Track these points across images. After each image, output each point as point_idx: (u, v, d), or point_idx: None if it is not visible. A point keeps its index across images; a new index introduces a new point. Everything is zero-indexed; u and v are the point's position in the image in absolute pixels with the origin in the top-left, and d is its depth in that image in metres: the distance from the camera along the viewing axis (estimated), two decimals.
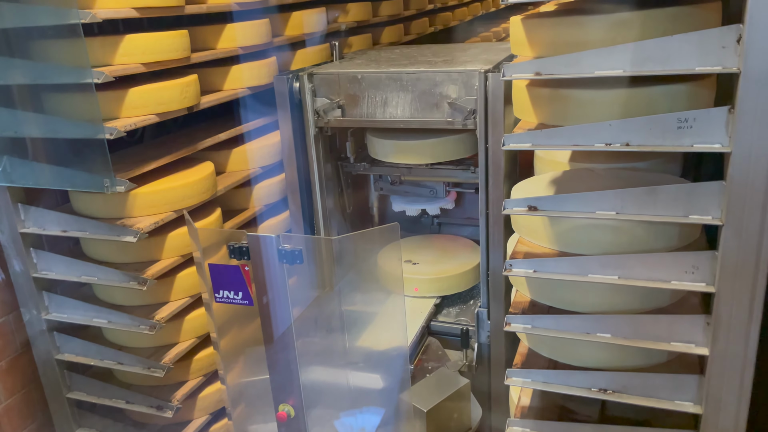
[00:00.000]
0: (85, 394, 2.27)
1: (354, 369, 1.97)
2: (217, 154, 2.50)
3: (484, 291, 2.26)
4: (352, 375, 1.96)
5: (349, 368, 1.96)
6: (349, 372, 1.96)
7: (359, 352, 2.03)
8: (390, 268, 2.38)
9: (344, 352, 2.00)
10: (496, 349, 2.26)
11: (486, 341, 2.29)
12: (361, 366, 2.00)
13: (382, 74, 2.27)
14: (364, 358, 2.02)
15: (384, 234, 1.72)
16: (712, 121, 1.27)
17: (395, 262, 2.32)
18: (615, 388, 1.56)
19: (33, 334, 2.21)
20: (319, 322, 2.07)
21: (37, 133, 1.99)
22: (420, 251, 2.74)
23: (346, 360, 2.00)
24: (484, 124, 2.10)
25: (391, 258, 2.42)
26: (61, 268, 2.10)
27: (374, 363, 1.99)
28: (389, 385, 1.91)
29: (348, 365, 1.98)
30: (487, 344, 2.29)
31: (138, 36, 1.96)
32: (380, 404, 1.90)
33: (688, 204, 1.35)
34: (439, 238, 2.91)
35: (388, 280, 2.35)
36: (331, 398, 1.90)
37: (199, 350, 2.31)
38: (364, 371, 1.98)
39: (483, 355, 2.31)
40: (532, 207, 1.49)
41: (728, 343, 1.40)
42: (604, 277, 1.47)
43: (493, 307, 2.23)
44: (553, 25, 1.46)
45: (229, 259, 1.67)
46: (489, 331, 2.27)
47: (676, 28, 1.33)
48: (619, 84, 1.41)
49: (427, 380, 2.05)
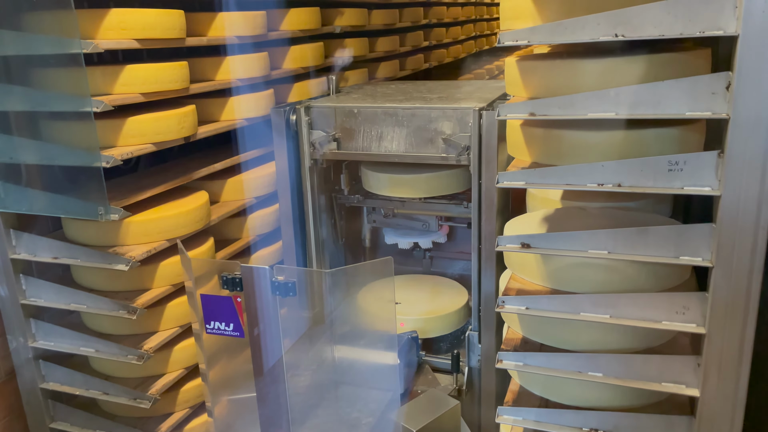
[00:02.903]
0: (68, 425, 2.22)
1: (343, 389, 1.95)
2: (212, 184, 2.51)
3: (476, 315, 2.26)
4: (341, 394, 1.94)
5: (338, 391, 1.94)
6: (339, 393, 1.94)
7: (349, 372, 2.02)
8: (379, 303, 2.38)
9: (334, 375, 1.99)
10: (487, 373, 2.25)
11: (477, 365, 2.28)
12: (351, 384, 1.98)
13: (378, 109, 2.30)
14: (354, 378, 2.01)
15: (377, 267, 1.73)
16: (702, 165, 1.30)
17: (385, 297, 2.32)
18: (606, 428, 1.55)
19: (18, 362, 2.17)
20: (310, 354, 2.06)
21: (33, 160, 1.99)
22: (403, 291, 2.68)
23: (335, 382, 1.98)
24: (478, 161, 2.13)
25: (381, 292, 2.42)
26: (50, 295, 2.08)
27: (364, 383, 1.98)
28: (378, 406, 1.90)
29: (338, 386, 1.96)
30: (477, 368, 2.28)
31: (138, 66, 1.99)
32: (369, 425, 1.89)
33: (679, 245, 1.37)
34: (423, 279, 2.87)
35: (378, 313, 2.34)
36: (321, 430, 1.88)
37: (186, 381, 2.28)
38: (354, 391, 1.96)
39: (473, 379, 2.30)
40: (526, 244, 1.51)
41: (719, 385, 1.40)
42: (595, 316, 1.48)
43: (484, 331, 2.23)
44: (547, 67, 1.50)
45: (220, 290, 1.67)
46: (480, 355, 2.26)
47: (667, 74, 1.37)
48: (611, 126, 1.44)
49: (417, 401, 2.03)
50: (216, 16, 2.37)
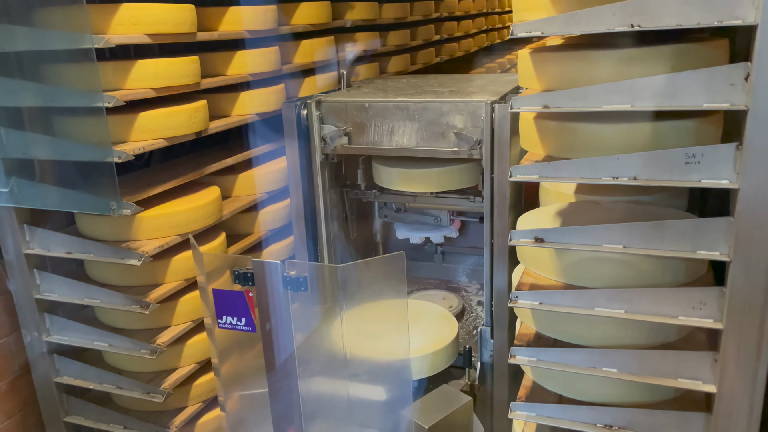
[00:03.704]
0: (82, 419, 2.24)
1: (355, 385, 1.94)
2: (223, 179, 2.51)
3: (488, 311, 2.24)
4: (353, 390, 1.93)
5: (350, 387, 1.94)
6: (350, 389, 1.93)
7: (361, 368, 2.01)
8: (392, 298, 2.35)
9: (345, 371, 1.98)
10: (499, 368, 2.24)
11: (489, 360, 2.27)
12: (363, 381, 1.97)
13: (389, 103, 2.28)
14: (366, 374, 2.00)
15: (389, 262, 1.71)
16: (720, 158, 1.27)
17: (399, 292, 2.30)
18: (621, 424, 1.54)
19: (33, 356, 2.19)
20: (321, 350, 2.06)
21: (45, 155, 2.00)
22: (384, 321, 2.17)
23: (347, 379, 1.97)
24: (490, 155, 2.11)
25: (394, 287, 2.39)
26: (64, 289, 2.10)
27: (376, 380, 1.96)
28: (390, 402, 1.89)
29: (349, 382, 1.95)
30: (490, 363, 2.27)
31: (149, 61, 1.99)
32: (381, 422, 1.88)
33: (696, 239, 1.35)
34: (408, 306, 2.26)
35: (392, 308, 2.33)
36: (333, 425, 1.87)
37: (198, 376, 2.29)
38: (366, 388, 1.94)
39: (485, 375, 2.29)
40: (539, 239, 1.49)
41: (736, 381, 1.38)
42: (610, 311, 1.46)
43: (497, 326, 2.21)
44: (561, 59, 1.48)
45: (232, 285, 1.66)
46: (492, 351, 2.24)
47: (683, 65, 1.35)
48: (626, 118, 1.42)
49: (429, 397, 2.02)
50: (227, 11, 2.37)
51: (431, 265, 3.01)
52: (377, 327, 2.06)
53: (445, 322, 2.35)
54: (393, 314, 1.88)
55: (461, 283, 2.99)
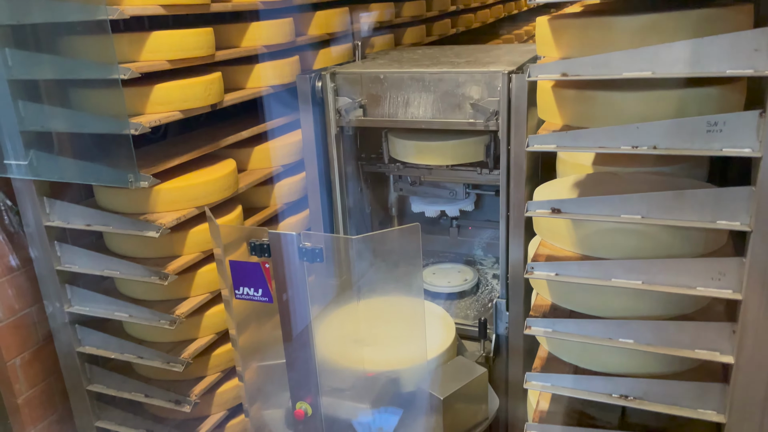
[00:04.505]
0: (105, 387, 2.29)
1: (371, 356, 1.95)
2: (239, 152, 2.52)
3: (503, 283, 2.24)
4: (369, 361, 1.94)
5: (366, 358, 1.95)
6: (366, 360, 1.94)
7: (376, 338, 2.02)
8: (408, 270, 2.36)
9: (362, 345, 2.00)
10: (515, 340, 2.25)
11: (504, 332, 2.27)
12: (377, 352, 1.98)
13: (404, 74, 2.26)
14: (381, 343, 2.01)
15: (405, 234, 1.71)
16: (742, 125, 1.25)
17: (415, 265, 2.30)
18: (636, 395, 1.54)
19: (55, 326, 2.24)
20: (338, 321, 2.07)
21: (63, 128, 2.02)
22: (374, 321, 2.09)
23: (363, 352, 1.99)
24: (507, 126, 2.09)
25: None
26: (84, 261, 2.13)
27: (391, 350, 1.98)
28: (407, 371, 1.90)
29: (364, 352, 1.96)
30: (505, 335, 2.27)
31: (164, 33, 1.98)
32: (398, 396, 1.89)
33: (716, 209, 1.33)
34: (401, 303, 2.00)
35: (407, 281, 2.33)
36: (349, 395, 1.90)
37: (217, 346, 2.33)
38: (382, 359, 1.95)
39: (501, 347, 2.29)
40: (556, 209, 1.48)
41: (754, 352, 1.37)
42: (627, 282, 1.45)
43: (512, 299, 2.21)
44: (580, 26, 1.45)
45: (249, 257, 1.68)
46: (507, 323, 2.25)
47: (706, 30, 1.31)
48: (647, 86, 1.39)
49: (444, 368, 2.03)
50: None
51: (446, 238, 3.01)
52: (392, 314, 2.06)
53: (442, 321, 2.22)
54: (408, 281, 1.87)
55: (476, 256, 2.98)
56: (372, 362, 1.95)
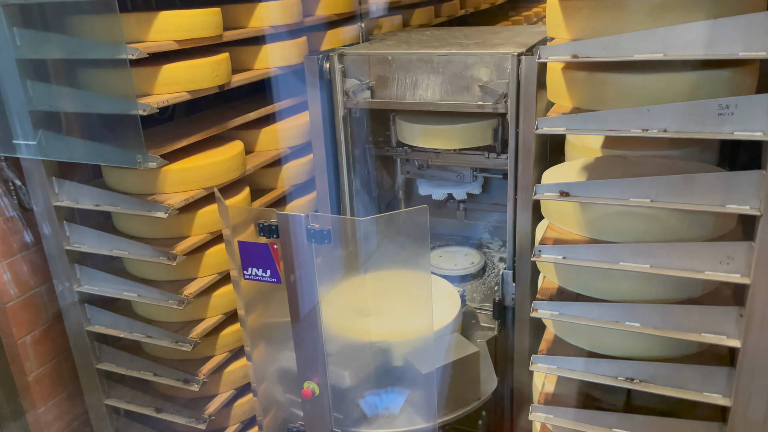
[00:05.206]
0: (114, 366, 2.32)
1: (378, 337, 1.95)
2: (246, 133, 2.52)
3: (511, 253, 2.24)
4: (376, 341, 1.94)
5: (373, 338, 1.95)
6: (374, 341, 1.95)
7: (384, 324, 2.02)
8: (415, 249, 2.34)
9: (368, 327, 2.01)
10: (520, 329, 2.25)
11: (511, 304, 2.27)
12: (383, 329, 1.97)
13: (412, 56, 2.25)
14: (389, 327, 2.01)
15: (412, 216, 1.71)
16: (754, 109, 1.24)
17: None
18: (642, 378, 1.54)
19: (65, 305, 2.26)
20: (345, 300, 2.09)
21: (71, 108, 2.02)
22: (381, 293, 2.10)
23: (368, 323, 1.99)
24: (516, 108, 2.08)
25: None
26: (93, 241, 2.14)
27: (398, 333, 1.98)
28: (412, 354, 1.90)
29: (373, 334, 1.97)
30: (511, 307, 2.28)
31: (171, 13, 1.97)
32: (403, 373, 1.90)
33: (726, 193, 1.32)
34: (407, 277, 2.06)
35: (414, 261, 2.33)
36: (356, 375, 1.91)
37: (225, 326, 2.34)
38: (389, 340, 1.95)
39: (507, 319, 2.30)
40: (564, 192, 1.47)
41: (761, 336, 1.37)
42: (635, 266, 1.45)
43: (519, 268, 2.21)
44: (592, 6, 1.43)
45: (257, 237, 1.69)
46: (514, 294, 2.25)
47: (718, 12, 1.30)
48: (658, 68, 1.38)
49: (437, 343, 2.00)
50: None
51: (453, 221, 3.01)
52: (398, 290, 2.06)
53: (448, 296, 2.23)
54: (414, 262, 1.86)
55: (483, 239, 2.98)
56: (376, 333, 1.95)
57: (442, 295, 2.25)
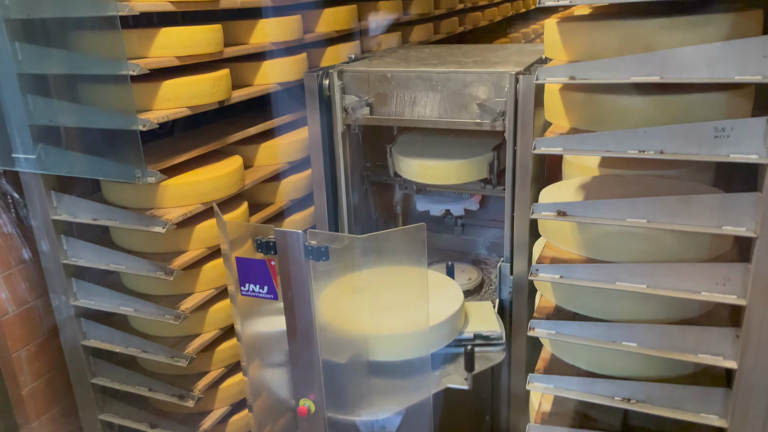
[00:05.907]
0: (109, 381, 2.30)
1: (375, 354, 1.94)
2: (245, 148, 2.52)
3: (508, 246, 2.23)
4: (373, 358, 1.94)
5: (370, 355, 1.95)
6: (371, 358, 1.94)
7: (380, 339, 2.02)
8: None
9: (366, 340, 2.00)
10: (517, 345, 2.24)
11: (508, 297, 2.26)
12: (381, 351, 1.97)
13: (411, 73, 2.26)
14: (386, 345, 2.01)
15: (410, 234, 1.72)
16: (749, 132, 1.25)
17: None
18: (639, 398, 1.54)
19: (61, 319, 2.25)
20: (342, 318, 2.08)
21: (71, 123, 2.03)
22: (372, 290, 2.02)
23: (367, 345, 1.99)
24: (513, 127, 2.09)
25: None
26: (91, 255, 2.14)
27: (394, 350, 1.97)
28: (410, 369, 1.89)
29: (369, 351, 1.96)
30: (509, 300, 2.27)
31: (173, 29, 1.99)
32: (401, 390, 1.89)
33: (722, 215, 1.33)
34: (404, 273, 1.95)
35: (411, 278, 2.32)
36: (352, 392, 1.90)
37: (221, 342, 2.34)
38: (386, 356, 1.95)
39: (504, 313, 2.29)
40: (562, 212, 1.48)
41: (758, 357, 1.37)
42: (632, 286, 1.45)
43: (516, 300, 2.21)
44: (589, 29, 1.45)
45: (255, 253, 1.69)
46: (511, 287, 2.24)
47: (715, 36, 1.31)
48: (655, 91, 1.39)
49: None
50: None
51: (451, 237, 3.01)
52: (396, 296, 2.06)
53: (450, 291, 2.20)
54: (412, 283, 1.87)
55: (481, 255, 2.98)
56: (373, 328, 1.94)
57: (439, 286, 2.23)
